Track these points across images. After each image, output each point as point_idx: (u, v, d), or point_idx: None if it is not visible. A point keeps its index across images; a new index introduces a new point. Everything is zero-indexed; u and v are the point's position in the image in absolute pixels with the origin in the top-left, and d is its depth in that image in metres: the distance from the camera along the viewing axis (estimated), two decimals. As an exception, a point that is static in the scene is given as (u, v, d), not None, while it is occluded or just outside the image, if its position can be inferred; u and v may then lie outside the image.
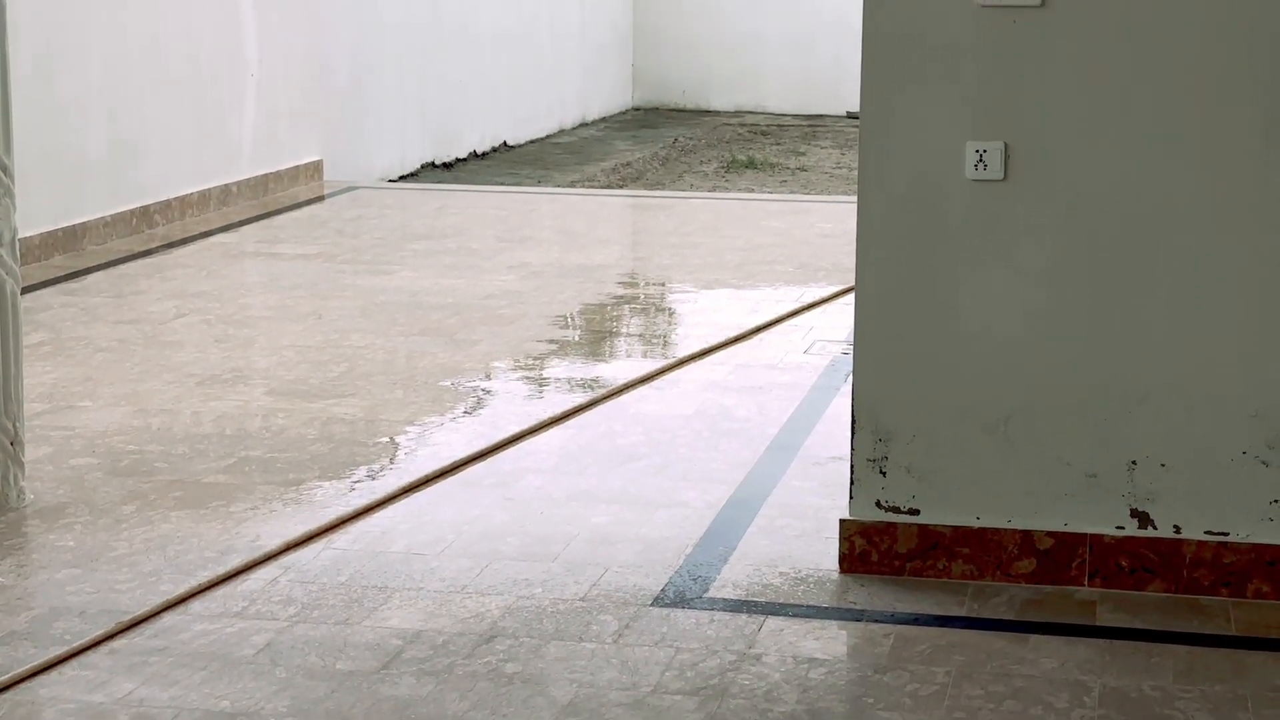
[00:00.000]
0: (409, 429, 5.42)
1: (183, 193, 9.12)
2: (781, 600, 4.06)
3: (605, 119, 15.57)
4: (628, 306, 7.32)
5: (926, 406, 4.16)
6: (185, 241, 8.57)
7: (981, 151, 4.04)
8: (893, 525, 4.20)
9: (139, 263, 8.02)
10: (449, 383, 5.95)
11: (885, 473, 4.20)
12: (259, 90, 9.88)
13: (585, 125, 15.11)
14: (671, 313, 7.30)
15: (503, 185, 11.32)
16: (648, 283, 7.85)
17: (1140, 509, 4.10)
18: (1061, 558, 4.13)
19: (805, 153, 13.33)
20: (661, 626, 3.91)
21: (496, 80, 13.27)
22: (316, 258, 8.19)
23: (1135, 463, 4.09)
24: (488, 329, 6.74)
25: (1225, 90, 3.94)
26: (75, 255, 8.10)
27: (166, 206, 8.96)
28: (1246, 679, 3.67)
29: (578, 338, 6.75)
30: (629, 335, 6.86)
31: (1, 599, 4.06)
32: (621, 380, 5.96)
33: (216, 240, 8.66)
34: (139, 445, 5.22)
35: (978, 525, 4.17)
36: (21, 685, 3.61)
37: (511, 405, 5.72)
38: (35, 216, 7.71)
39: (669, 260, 8.28)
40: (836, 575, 4.21)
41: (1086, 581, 4.12)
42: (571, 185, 11.60)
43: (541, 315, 7.00)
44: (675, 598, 4.08)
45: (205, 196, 9.31)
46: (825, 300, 7.22)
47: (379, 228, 9.05)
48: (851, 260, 5.20)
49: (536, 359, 6.31)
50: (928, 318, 4.13)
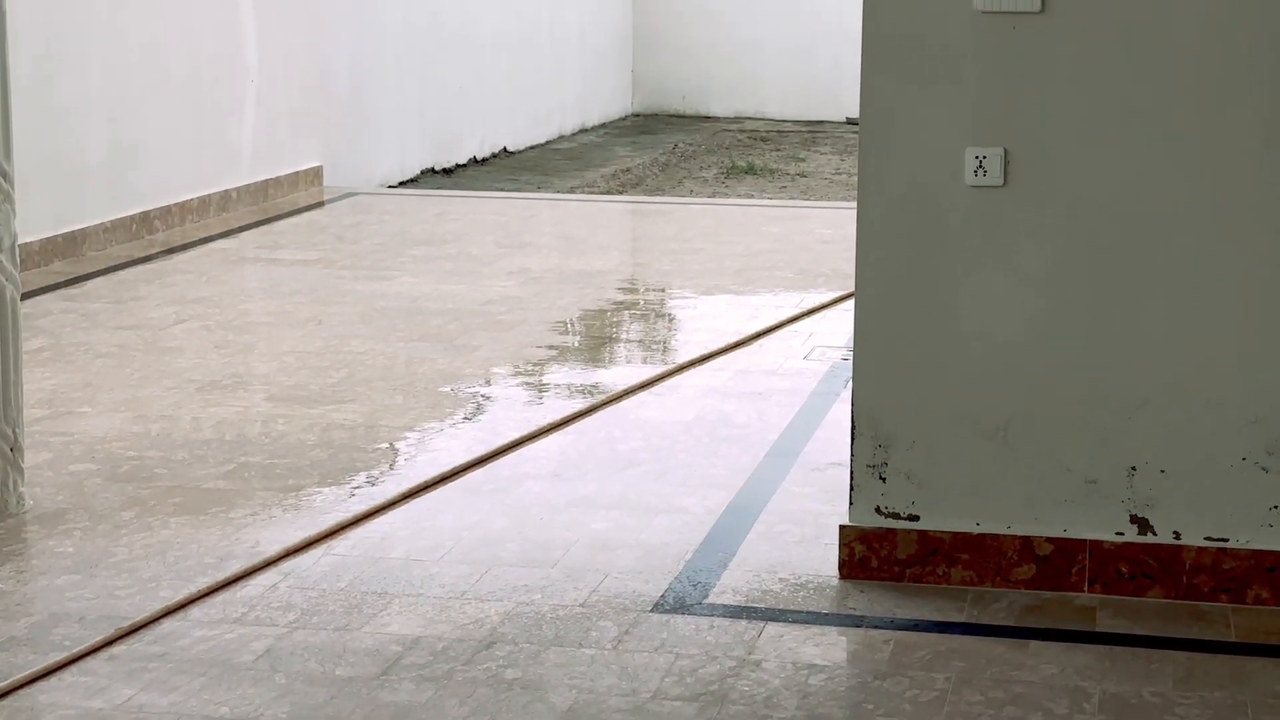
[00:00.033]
0: (408, 435, 5.42)
1: (183, 198, 9.12)
2: (781, 606, 4.06)
3: (605, 125, 15.58)
4: (627, 312, 7.32)
5: (926, 412, 4.16)
6: (185, 247, 8.57)
7: (981, 157, 4.04)
8: (892, 531, 4.19)
9: (139, 268, 8.02)
10: (449, 388, 5.95)
11: (885, 479, 4.19)
12: (259, 96, 9.88)
13: (585, 131, 15.12)
14: (671, 318, 7.30)
15: (503, 191, 11.32)
16: (647, 288, 7.85)
17: (1140, 515, 4.10)
18: (1061, 564, 4.12)
19: (805, 158, 13.33)
20: (661, 632, 3.91)
21: (496, 86, 13.27)
22: (316, 263, 8.19)
23: (1135, 468, 4.09)
24: (487, 335, 6.74)
25: (1225, 95, 3.94)
26: (75, 261, 8.10)
27: (166, 212, 8.96)
28: (1246, 685, 3.66)
29: (577, 344, 6.75)
30: (629, 341, 6.86)
31: (1, 605, 4.06)
32: (621, 386, 5.96)
33: (216, 246, 8.66)
34: (139, 451, 5.22)
35: (977, 531, 4.16)
36: (21, 691, 3.61)
37: (511, 411, 5.72)
38: (35, 222, 7.71)
39: (669, 266, 8.28)
40: (836, 581, 4.21)
41: (1086, 587, 4.12)
42: (571, 191, 11.60)
43: (541, 321, 7.00)
44: (675, 604, 4.08)
45: (205, 202, 9.31)
46: (825, 306, 7.22)
47: (379, 233, 9.05)
48: (851, 266, 5.20)
49: (536, 365, 6.31)
50: (927, 324, 4.13)
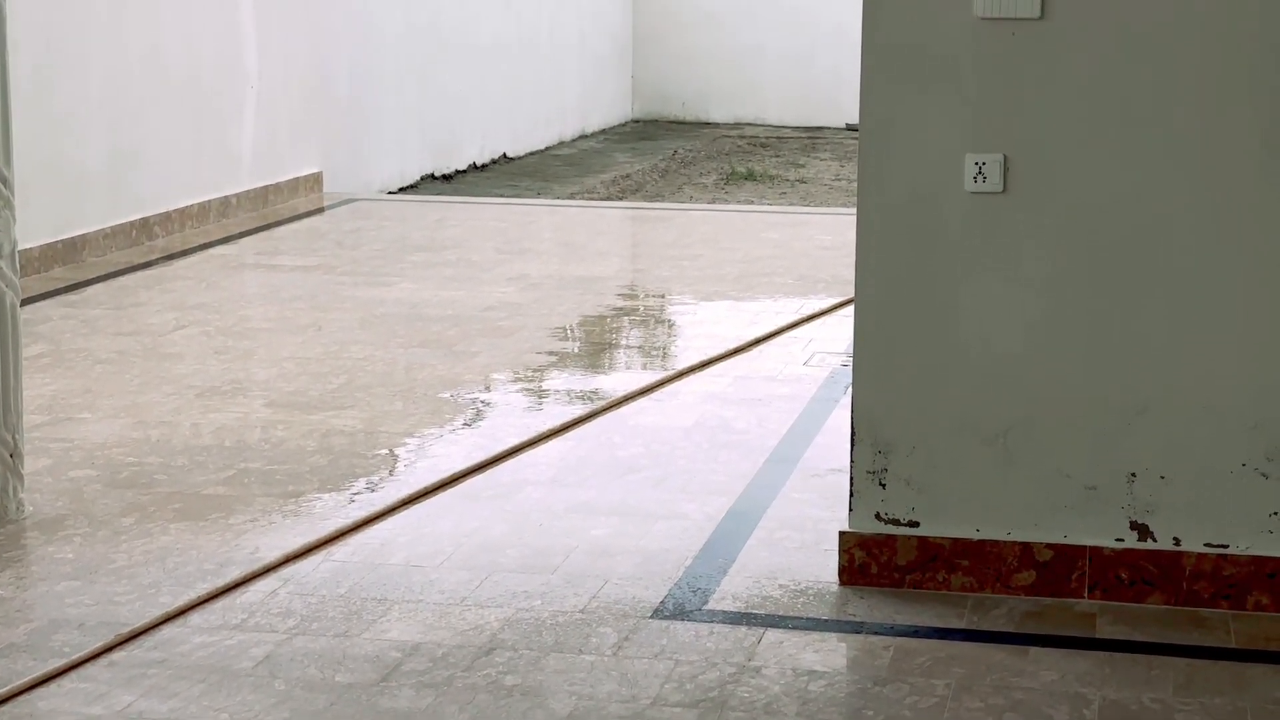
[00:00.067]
0: (408, 441, 5.42)
1: (182, 204, 9.12)
2: (781, 612, 4.06)
3: (605, 131, 15.58)
4: (627, 318, 7.32)
5: (926, 418, 4.15)
6: (185, 253, 8.57)
7: (981, 164, 4.04)
8: (892, 537, 4.19)
9: (139, 274, 8.03)
10: (448, 395, 5.95)
11: (885, 485, 4.19)
12: (259, 102, 9.88)
13: (585, 137, 15.12)
14: (671, 325, 7.30)
15: (502, 197, 11.32)
16: (647, 294, 7.85)
17: (1140, 521, 4.10)
18: (1061, 570, 4.12)
19: (804, 165, 13.33)
20: (661, 639, 3.91)
21: (496, 92, 13.28)
22: (316, 269, 8.19)
23: (1135, 475, 4.08)
24: (487, 341, 6.74)
25: (1225, 101, 3.94)
26: (75, 267, 8.10)
27: (166, 218, 8.96)
28: (1246, 692, 3.66)
29: (577, 350, 6.75)
30: (628, 347, 6.86)
31: (0, 611, 4.05)
32: (621, 392, 5.96)
33: (216, 252, 8.66)
34: (138, 457, 5.22)
35: (977, 537, 4.16)
36: (20, 698, 3.61)
37: (511, 417, 5.72)
38: (35, 228, 7.71)
39: (668, 272, 8.28)
40: (836, 587, 4.21)
41: (1086, 594, 4.12)
42: (571, 197, 11.60)
43: (541, 327, 7.00)
44: (675, 610, 4.08)
45: (205, 208, 9.32)
46: (825, 312, 7.22)
47: (378, 239, 9.06)
48: (851, 272, 5.20)
49: (536, 371, 6.31)
50: (927, 330, 4.13)
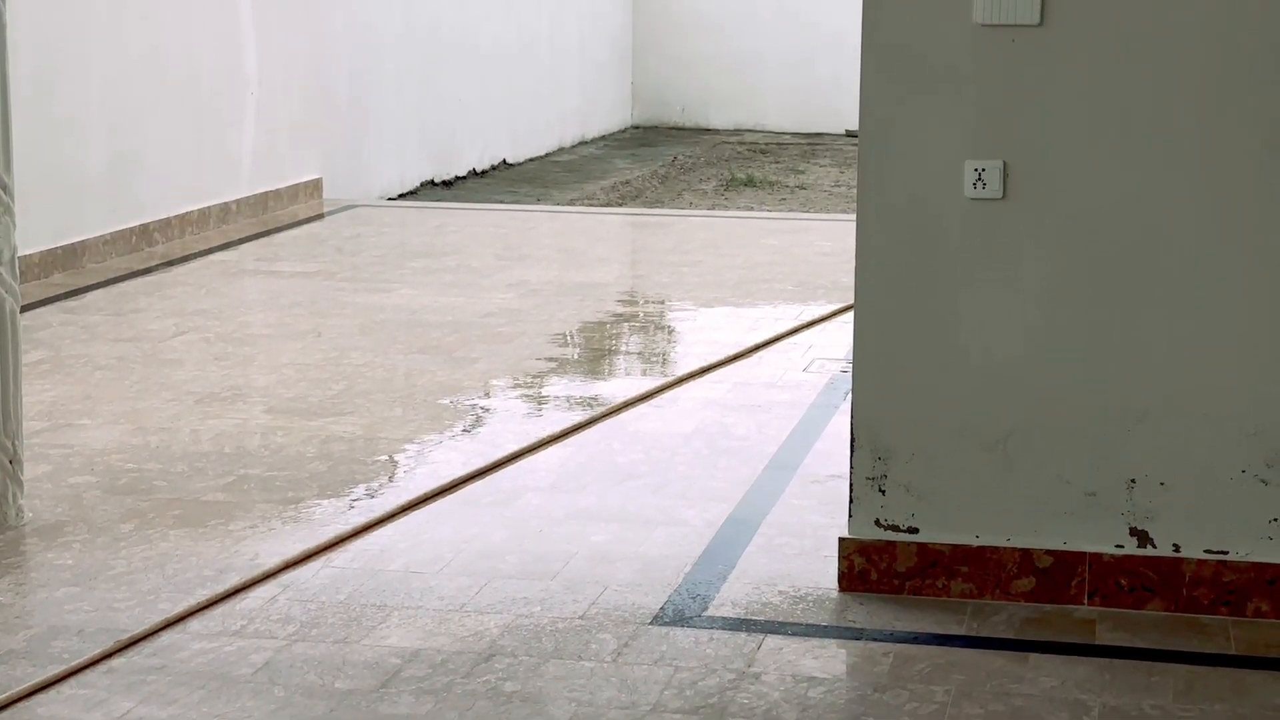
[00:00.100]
0: (408, 447, 5.42)
1: (182, 210, 9.12)
2: (780, 619, 4.06)
3: (604, 137, 15.59)
4: (627, 324, 7.32)
5: (925, 425, 4.15)
6: (185, 259, 8.57)
7: (980, 170, 4.04)
8: (892, 544, 4.19)
9: (138, 280, 8.03)
10: (448, 401, 5.95)
11: (884, 491, 4.19)
12: (259, 108, 9.89)
13: (584, 143, 15.13)
14: (670, 331, 7.30)
15: (502, 203, 11.32)
16: (647, 301, 7.85)
17: (1139, 527, 4.10)
18: (1061, 576, 4.12)
19: (804, 171, 13.34)
20: (660, 645, 3.91)
21: (496, 98, 13.28)
22: (316, 275, 8.20)
23: (1134, 481, 4.08)
24: (487, 347, 6.74)
25: (1225, 107, 3.95)
26: (75, 273, 8.10)
27: (166, 224, 8.96)
28: (1246, 698, 3.66)
29: (577, 356, 6.75)
30: (628, 353, 6.86)
31: (0, 617, 4.05)
32: (620, 398, 5.96)
33: (216, 258, 8.66)
34: (138, 463, 5.22)
35: (977, 544, 4.16)
36: (20, 704, 3.61)
37: (510, 423, 5.72)
38: (35, 234, 7.71)
39: (668, 278, 8.28)
40: (835, 594, 4.21)
41: (1086, 600, 4.12)
42: (571, 203, 11.60)
43: (540, 333, 7.00)
44: (674, 616, 4.08)
45: (205, 214, 9.32)
46: (824, 318, 7.22)
47: (378, 246, 9.06)
48: (850, 278, 5.21)
49: (535, 377, 6.31)
50: (927, 336, 4.13)
